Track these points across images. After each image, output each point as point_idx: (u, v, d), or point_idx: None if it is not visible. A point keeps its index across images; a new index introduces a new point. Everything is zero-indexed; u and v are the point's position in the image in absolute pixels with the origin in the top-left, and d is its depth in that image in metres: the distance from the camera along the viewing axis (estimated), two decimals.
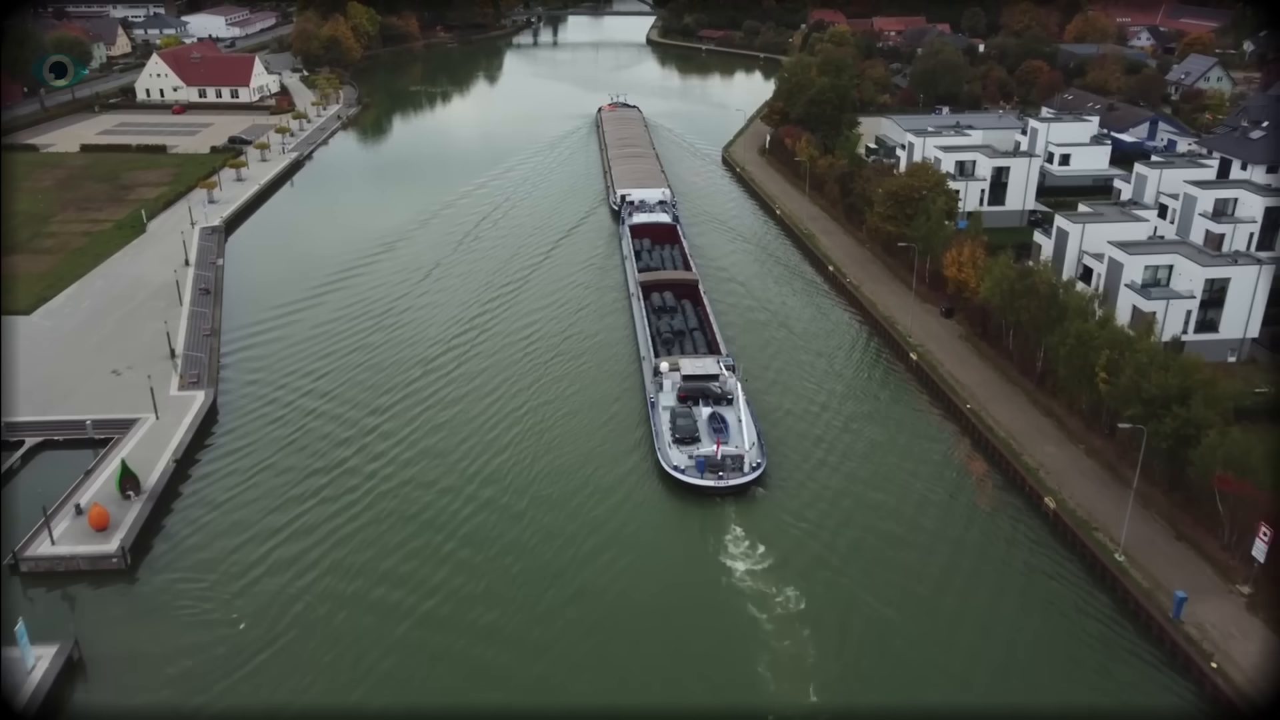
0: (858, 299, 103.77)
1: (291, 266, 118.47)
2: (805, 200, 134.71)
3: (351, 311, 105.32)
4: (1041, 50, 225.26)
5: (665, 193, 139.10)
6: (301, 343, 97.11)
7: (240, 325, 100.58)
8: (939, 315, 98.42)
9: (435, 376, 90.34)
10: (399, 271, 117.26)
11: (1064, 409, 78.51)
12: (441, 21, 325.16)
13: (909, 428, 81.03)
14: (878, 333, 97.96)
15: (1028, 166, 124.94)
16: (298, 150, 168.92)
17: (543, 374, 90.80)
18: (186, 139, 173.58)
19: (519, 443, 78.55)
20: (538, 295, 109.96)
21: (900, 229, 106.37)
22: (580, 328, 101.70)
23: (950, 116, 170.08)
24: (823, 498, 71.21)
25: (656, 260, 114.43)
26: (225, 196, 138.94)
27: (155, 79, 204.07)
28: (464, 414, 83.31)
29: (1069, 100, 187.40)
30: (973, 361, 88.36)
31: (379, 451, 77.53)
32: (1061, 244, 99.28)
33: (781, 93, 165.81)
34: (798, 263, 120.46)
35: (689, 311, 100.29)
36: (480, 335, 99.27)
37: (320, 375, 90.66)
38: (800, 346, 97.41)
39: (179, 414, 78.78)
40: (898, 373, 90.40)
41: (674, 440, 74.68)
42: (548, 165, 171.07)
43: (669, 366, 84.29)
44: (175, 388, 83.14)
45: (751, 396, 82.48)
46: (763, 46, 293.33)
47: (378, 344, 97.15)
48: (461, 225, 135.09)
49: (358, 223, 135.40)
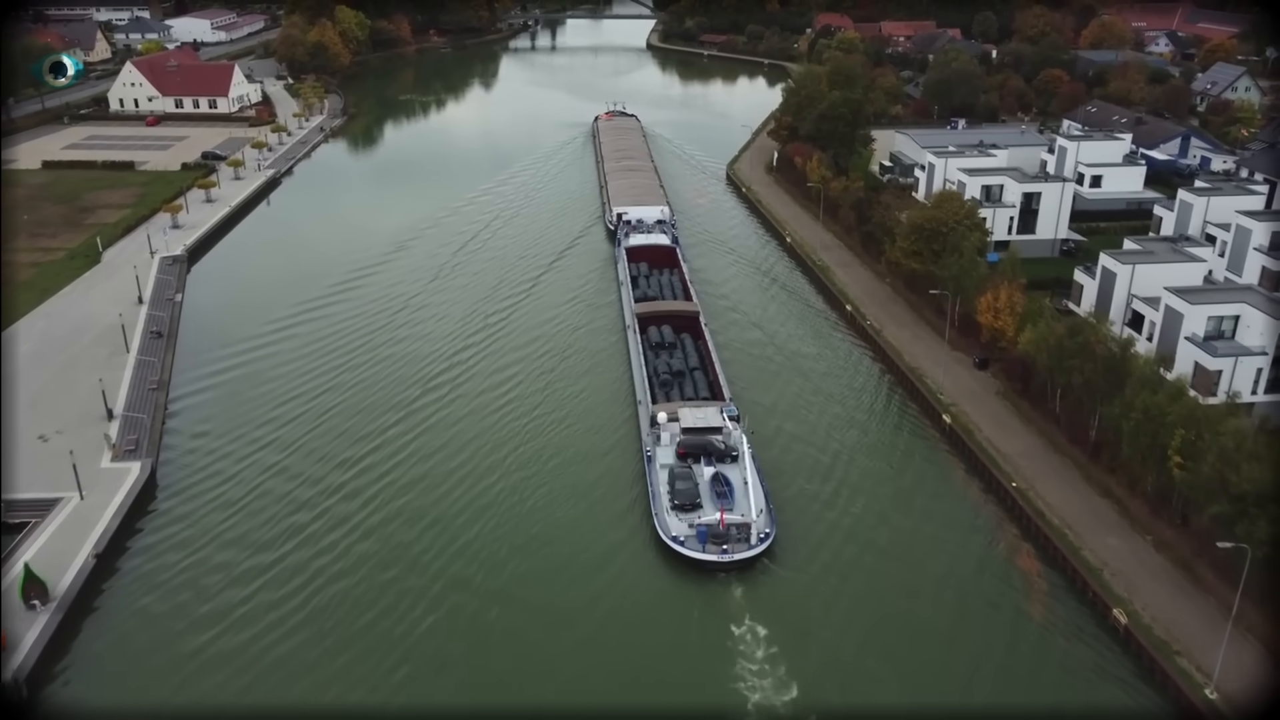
0: (879, 344, 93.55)
1: (259, 297, 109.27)
2: (818, 226, 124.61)
3: (323, 347, 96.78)
4: (1059, 58, 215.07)
5: (664, 211, 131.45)
6: (265, 384, 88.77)
7: (196, 366, 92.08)
8: (972, 366, 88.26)
9: (413, 422, 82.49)
10: (376, 300, 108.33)
11: (1124, 488, 68.35)
12: (435, 25, 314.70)
13: (942, 509, 70.78)
14: (903, 385, 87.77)
15: (1060, 192, 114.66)
16: (275, 167, 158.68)
17: (529, 421, 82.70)
18: (157, 154, 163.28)
19: (500, 504, 70.94)
20: (526, 328, 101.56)
21: (926, 266, 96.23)
22: (571, 365, 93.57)
23: (971, 133, 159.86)
24: (841, 593, 61.95)
25: (654, 288, 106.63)
26: (192, 220, 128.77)
27: (129, 88, 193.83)
28: (440, 468, 75.62)
29: (1092, 113, 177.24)
30: (1013, 425, 78.19)
31: (342, 516, 69.33)
32: (1107, 286, 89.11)
33: (790, 106, 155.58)
34: (810, 296, 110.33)
35: (689, 347, 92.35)
36: (462, 374, 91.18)
37: (284, 423, 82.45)
38: (811, 388, 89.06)
39: (108, 492, 68.58)
40: (928, 436, 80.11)
41: (673, 506, 66.68)
42: (541, 179, 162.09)
43: (667, 416, 75.93)
44: (108, 458, 72.90)
45: (757, 446, 74.23)
46: (767, 52, 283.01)
47: (350, 384, 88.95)
48: (447, 246, 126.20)
49: (335, 246, 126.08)
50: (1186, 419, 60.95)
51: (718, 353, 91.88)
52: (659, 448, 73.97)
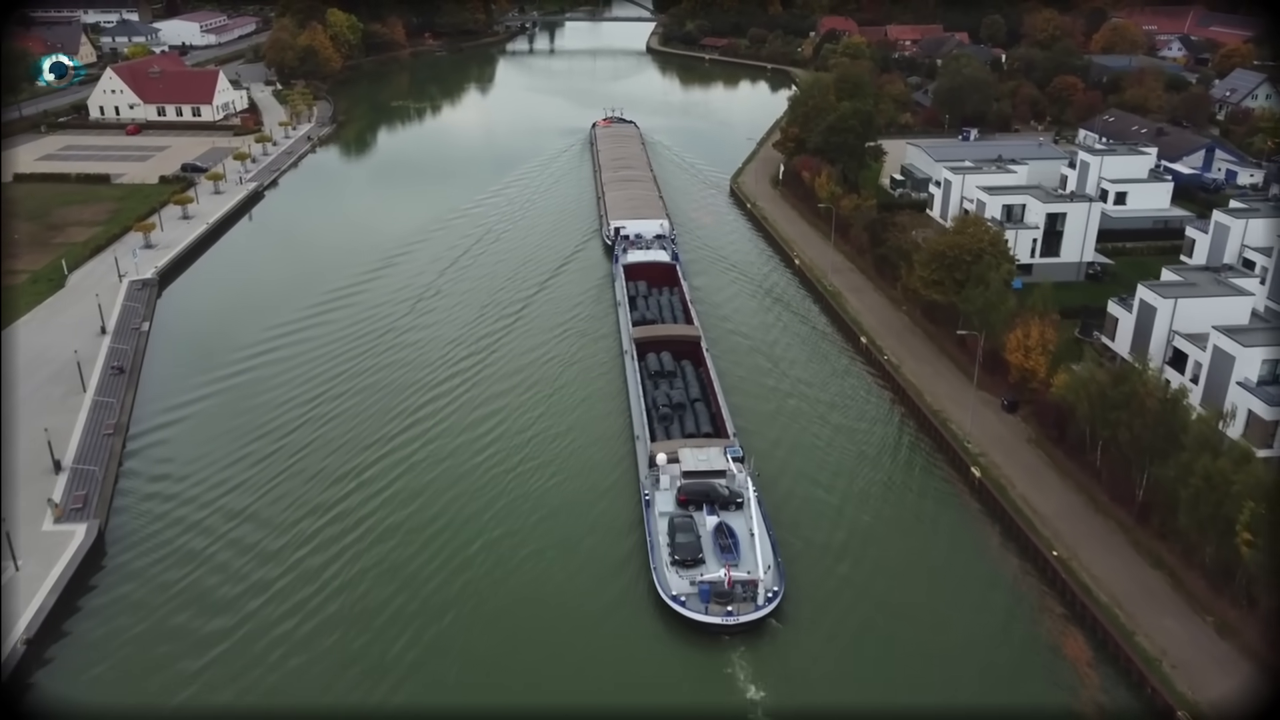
0: (898, 381, 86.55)
1: (233, 322, 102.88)
2: (828, 247, 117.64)
3: (299, 376, 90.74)
4: (1072, 64, 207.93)
5: (664, 225, 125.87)
6: (236, 419, 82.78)
7: (162, 399, 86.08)
8: (1000, 408, 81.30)
9: (393, 460, 76.59)
10: (358, 324, 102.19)
11: (1178, 558, 61.41)
12: (430, 28, 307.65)
13: (967, 572, 64.07)
14: (925, 429, 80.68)
15: (1087, 212, 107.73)
16: (258, 179, 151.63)
17: (520, 457, 77.15)
18: (135, 166, 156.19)
19: (484, 555, 65.20)
20: (518, 352, 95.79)
21: (948, 296, 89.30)
22: (565, 394, 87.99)
23: (986, 145, 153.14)
24: (855, 658, 56.68)
25: (654, 309, 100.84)
26: (166, 239, 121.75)
27: (110, 95, 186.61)
28: (421, 514, 69.70)
29: (1110, 122, 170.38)
30: (1049, 479, 71.19)
31: (312, 572, 63.65)
32: (1146, 321, 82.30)
33: (796, 117, 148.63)
34: (820, 324, 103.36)
35: (689, 376, 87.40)
36: (449, 405, 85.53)
37: (254, 462, 76.60)
38: (818, 418, 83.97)
39: (47, 561, 61.59)
40: (954, 489, 73.04)
41: (673, 562, 61.67)
42: (537, 189, 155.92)
43: (667, 457, 70.85)
44: (49, 520, 65.90)
45: (762, 487, 68.74)
46: (770, 56, 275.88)
47: (327, 418, 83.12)
48: (437, 263, 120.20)
49: (317, 264, 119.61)
50: (1256, 488, 53.98)
51: (720, 381, 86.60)
52: (658, 492, 68.83)
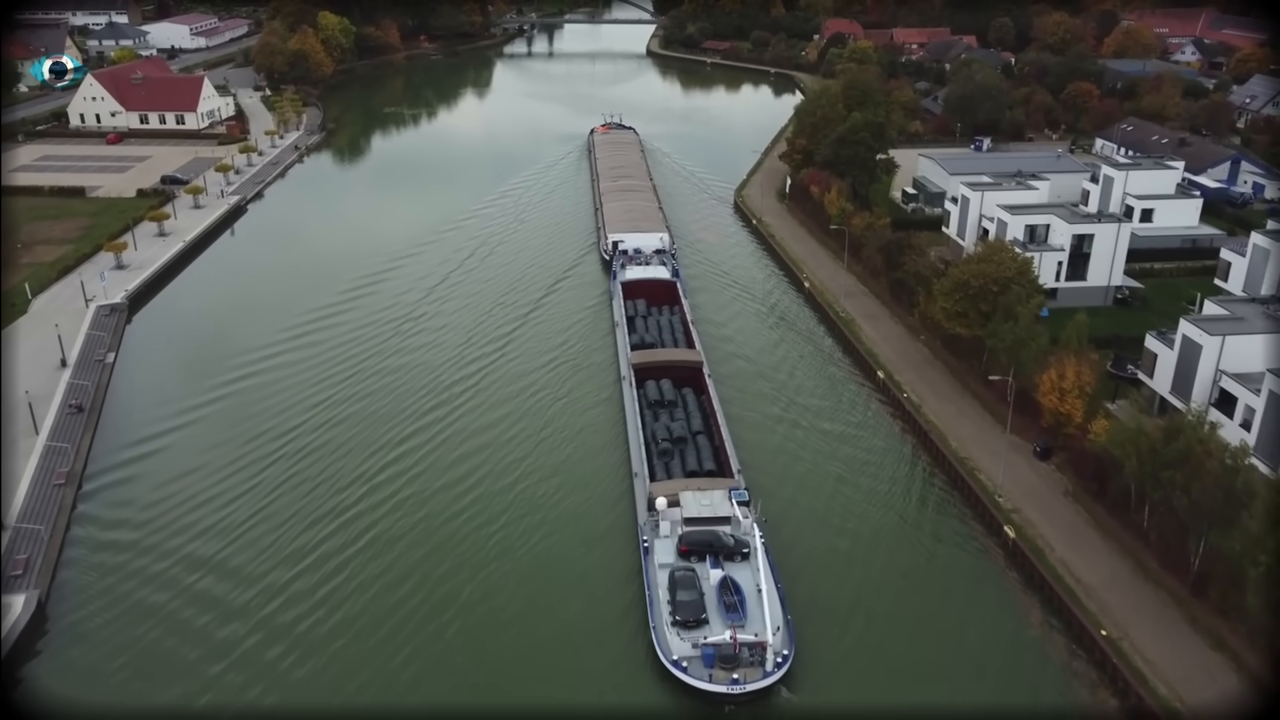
0: (919, 422, 79.91)
1: (206, 348, 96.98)
2: (839, 268, 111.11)
3: (273, 406, 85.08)
4: (1086, 69, 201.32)
5: (663, 239, 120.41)
6: (205, 454, 77.35)
7: (125, 432, 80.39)
8: (1031, 455, 74.69)
9: (374, 500, 71.31)
10: (338, 349, 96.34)
11: (1243, 639, 54.87)
12: (425, 30, 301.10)
13: (1007, 659, 57.16)
14: (949, 477, 73.90)
15: (1116, 234, 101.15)
16: (241, 192, 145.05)
17: (508, 499, 71.85)
18: (113, 178, 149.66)
19: (467, 614, 59.86)
20: (510, 377, 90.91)
21: (972, 330, 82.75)
22: (559, 425, 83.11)
23: (1002, 156, 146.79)
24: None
25: (653, 330, 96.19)
26: (139, 259, 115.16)
27: (90, 103, 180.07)
28: (400, 564, 64.56)
29: (1128, 132, 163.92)
30: (1091, 541, 64.55)
31: (282, 629, 58.59)
32: (1189, 359, 75.67)
33: (804, 128, 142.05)
34: (831, 351, 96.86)
35: (691, 406, 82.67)
36: (436, 437, 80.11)
37: (224, 503, 71.41)
38: (829, 453, 78.50)
39: None
40: (984, 550, 66.39)
41: (674, 622, 56.84)
42: (533, 199, 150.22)
43: (667, 501, 66.18)
44: None
45: (769, 533, 63.79)
46: (773, 60, 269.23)
47: (303, 452, 77.78)
48: (426, 280, 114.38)
49: (298, 284, 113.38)
50: None
51: (723, 411, 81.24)
52: (657, 539, 64.03)
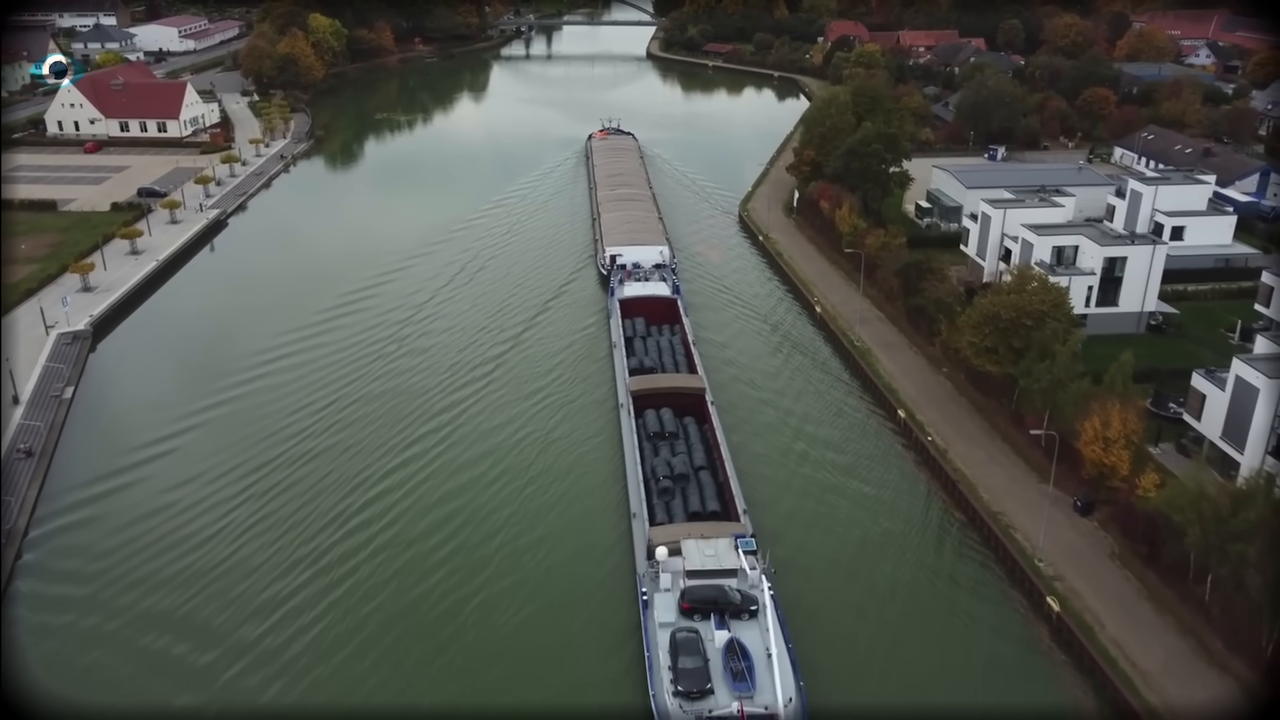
0: (945, 469, 73.04)
1: (175, 379, 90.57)
2: (852, 290, 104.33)
3: (244, 439, 79.25)
4: (1102, 74, 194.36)
5: (663, 252, 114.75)
6: (165, 492, 71.32)
7: (79, 477, 73.74)
8: (1071, 509, 67.85)
9: (351, 545, 65.44)
10: (316, 374, 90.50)
11: None
12: (420, 33, 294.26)
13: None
14: (986, 538, 66.68)
15: (1150, 256, 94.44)
16: (222, 205, 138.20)
17: (497, 545, 66.09)
18: (88, 189, 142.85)
19: (441, 689, 54.18)
20: (500, 405, 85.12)
21: (1003, 368, 75.96)
22: (552, 457, 76.99)
23: (1020, 168, 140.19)
24: None
25: (653, 353, 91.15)
26: (108, 280, 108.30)
27: (68, 109, 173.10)
28: (374, 620, 58.77)
29: (1149, 140, 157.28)
30: (1145, 616, 57.63)
31: (246, 694, 52.86)
32: (1244, 402, 68.81)
33: (812, 138, 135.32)
34: (849, 383, 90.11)
35: (693, 437, 77.50)
36: (420, 474, 74.06)
37: (188, 550, 65.10)
38: (839, 489, 73.04)
39: None
40: (1023, 621, 59.56)
41: (676, 692, 51.76)
42: (527, 209, 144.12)
43: (668, 550, 60.65)
44: None
45: (778, 578, 59.28)
46: (776, 64, 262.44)
47: (273, 491, 72.20)
48: (415, 297, 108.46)
49: (278, 305, 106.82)
50: None
51: (727, 442, 75.55)
52: (658, 593, 59.03)
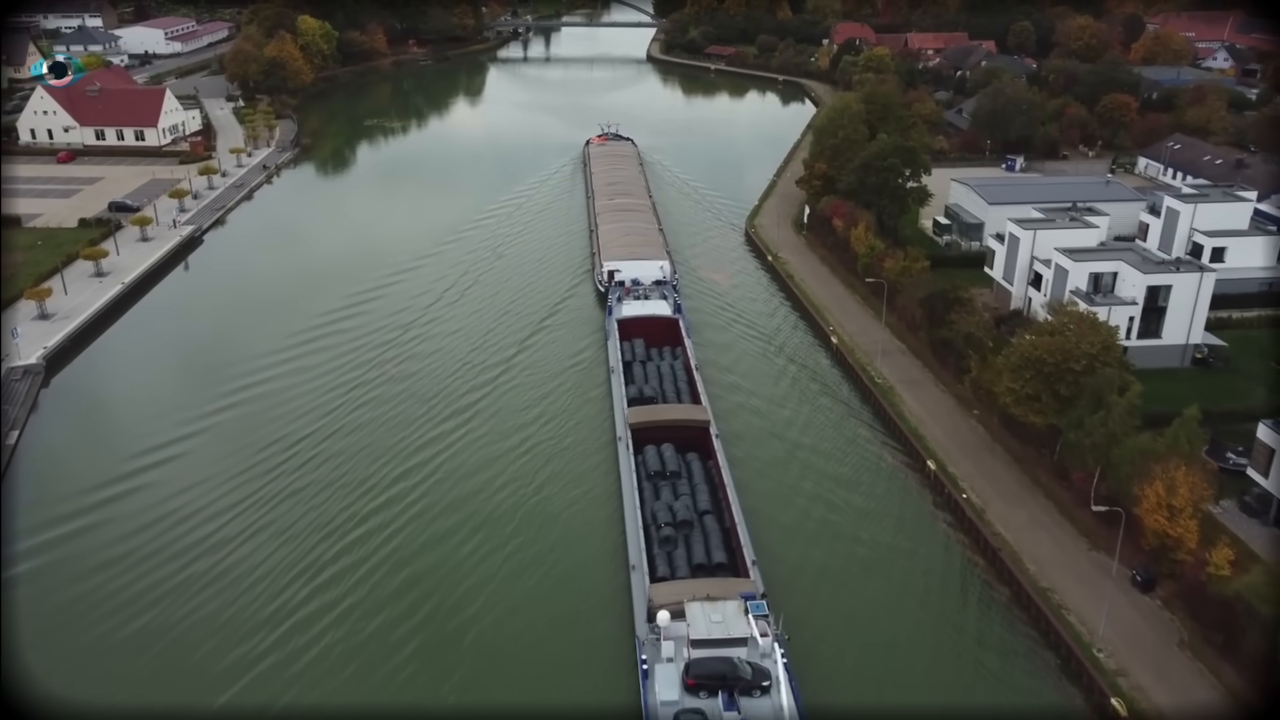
0: (982, 532, 65.22)
1: (135, 412, 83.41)
2: (870, 318, 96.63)
3: (209, 478, 72.36)
4: (1121, 79, 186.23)
5: (664, 267, 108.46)
6: (112, 544, 65.39)
7: (19, 532, 66.67)
8: (1129, 583, 60.07)
9: (324, 602, 59.32)
10: (299, 399, 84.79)
11: None
12: (414, 34, 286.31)
13: None
14: (1034, 617, 58.70)
15: (1198, 284, 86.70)
16: (198, 221, 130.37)
17: (481, 600, 60.14)
18: (57, 204, 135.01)
19: None
20: (489, 439, 77.96)
21: (1048, 419, 68.12)
22: (545, 495, 70.99)
23: (1044, 181, 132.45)
24: None
25: (653, 379, 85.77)
26: (68, 306, 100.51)
27: (41, 117, 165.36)
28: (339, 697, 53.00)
29: (1176, 150, 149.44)
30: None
31: None
32: None
33: (823, 150, 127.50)
34: (861, 414, 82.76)
35: (697, 476, 71.77)
36: (395, 522, 67.35)
37: (141, 608, 59.05)
38: (855, 536, 66.97)
39: None
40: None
41: None
42: (522, 220, 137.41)
43: (670, 614, 54.71)
44: None
45: (790, 638, 53.93)
46: (781, 67, 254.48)
47: (240, 538, 65.14)
48: (399, 316, 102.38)
49: (254, 332, 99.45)
50: None
51: (733, 480, 69.26)
52: (659, 664, 53.57)
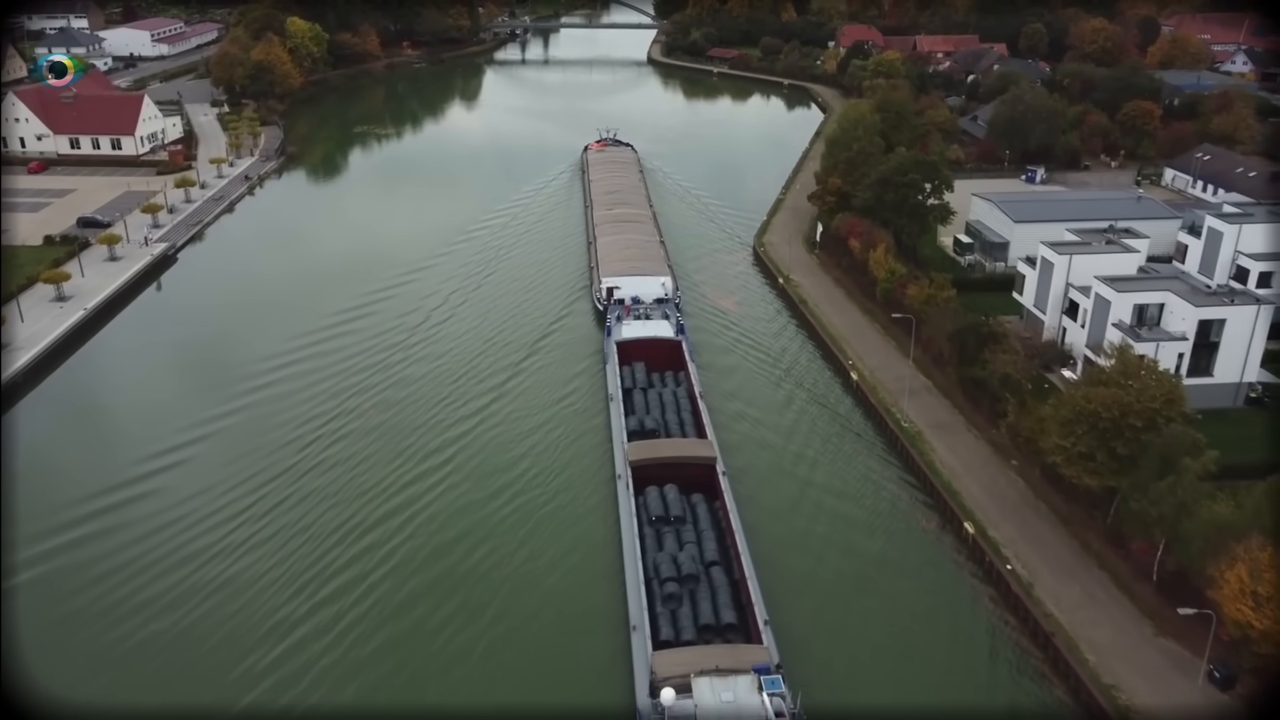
0: (1031, 610, 57.61)
1: (90, 454, 76.58)
2: (892, 348, 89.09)
3: (172, 524, 66.82)
4: (1141, 84, 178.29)
5: (665, 284, 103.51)
6: (73, 594, 60.27)
7: None
8: (1206, 678, 52.55)
9: (303, 660, 54.77)
10: (272, 431, 79.00)
11: None
12: (408, 36, 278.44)
13: None
14: (1080, 699, 51.88)
15: (1255, 318, 79.14)
16: (171, 238, 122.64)
17: (467, 673, 54.85)
18: (24, 218, 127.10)
19: None
20: (478, 475, 72.44)
21: (1101, 479, 60.48)
22: (529, 558, 64.09)
23: (1069, 196, 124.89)
24: None
25: (655, 409, 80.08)
26: (22, 335, 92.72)
27: (13, 124, 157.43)
28: None
29: (1206, 161, 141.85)
30: None
31: None
32: None
33: (836, 163, 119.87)
34: (889, 469, 74.95)
35: (704, 522, 66.39)
36: (374, 574, 61.85)
37: (146, 621, 56.99)
38: (875, 590, 60.05)
39: None
40: None
41: None
42: (517, 229, 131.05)
43: (675, 691, 49.35)
44: None
45: None
46: (785, 70, 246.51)
47: (207, 589, 60.24)
48: (386, 336, 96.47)
49: (226, 358, 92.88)
50: None
51: (743, 525, 64.35)
52: None
